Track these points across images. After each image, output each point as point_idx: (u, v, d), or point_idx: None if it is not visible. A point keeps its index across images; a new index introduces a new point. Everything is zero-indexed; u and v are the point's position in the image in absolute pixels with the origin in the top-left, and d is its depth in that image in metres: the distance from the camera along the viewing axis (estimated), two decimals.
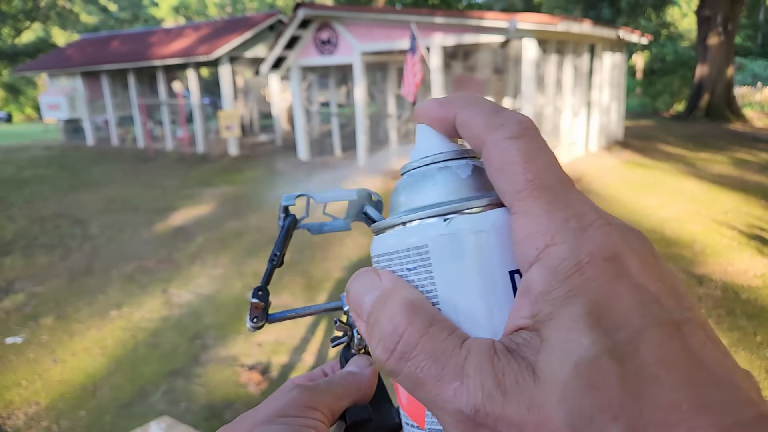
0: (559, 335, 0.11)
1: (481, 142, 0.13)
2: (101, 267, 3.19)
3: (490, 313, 0.13)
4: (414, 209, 0.14)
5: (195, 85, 7.73)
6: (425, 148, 0.15)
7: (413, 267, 0.14)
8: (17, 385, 1.95)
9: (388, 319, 0.13)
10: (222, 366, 2.04)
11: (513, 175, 0.12)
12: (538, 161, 0.12)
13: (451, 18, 4.75)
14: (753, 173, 5.06)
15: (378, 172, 5.46)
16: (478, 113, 0.14)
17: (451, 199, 0.14)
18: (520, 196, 0.12)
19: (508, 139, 0.13)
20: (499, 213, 0.13)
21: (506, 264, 0.13)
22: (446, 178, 0.15)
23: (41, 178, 6.37)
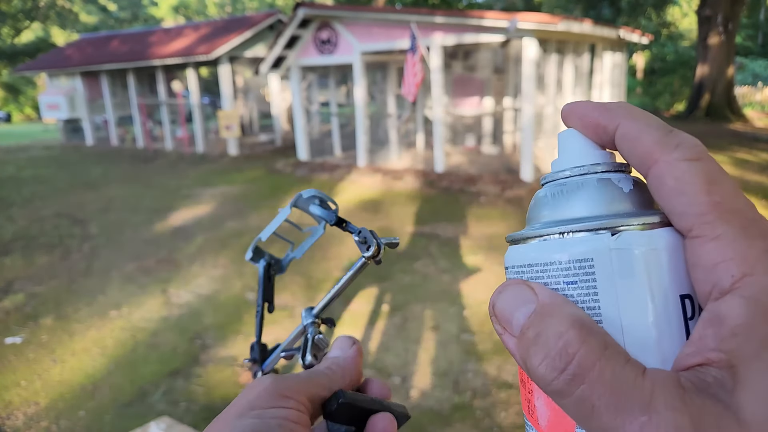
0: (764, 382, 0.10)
1: (652, 160, 0.12)
2: (101, 267, 3.19)
3: (660, 339, 0.12)
4: (573, 220, 0.13)
5: (194, 84, 7.72)
6: (576, 156, 0.14)
7: (573, 281, 0.13)
8: (17, 385, 1.95)
9: (555, 335, 0.12)
10: (221, 366, 2.03)
11: (695, 197, 0.12)
12: (722, 186, 0.12)
13: (451, 18, 4.73)
14: (753, 173, 5.06)
15: (378, 172, 5.46)
16: (648, 129, 0.13)
17: (615, 213, 0.13)
18: (705, 219, 0.11)
19: (686, 161, 0.12)
20: (671, 233, 0.13)
21: (678, 287, 0.12)
22: (608, 191, 0.13)
23: (41, 178, 6.37)
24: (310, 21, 5.65)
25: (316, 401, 0.17)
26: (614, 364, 0.11)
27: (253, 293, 2.72)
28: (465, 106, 6.48)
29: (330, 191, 5.03)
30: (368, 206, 4.43)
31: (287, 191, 5.14)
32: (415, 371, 1.93)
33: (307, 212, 0.23)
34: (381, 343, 2.14)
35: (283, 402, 0.16)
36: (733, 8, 9.37)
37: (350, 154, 6.49)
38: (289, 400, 0.16)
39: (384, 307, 2.47)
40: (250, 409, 0.16)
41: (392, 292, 2.63)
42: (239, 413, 0.16)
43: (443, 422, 1.64)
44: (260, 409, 0.15)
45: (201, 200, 4.91)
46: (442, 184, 4.91)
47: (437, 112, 5.14)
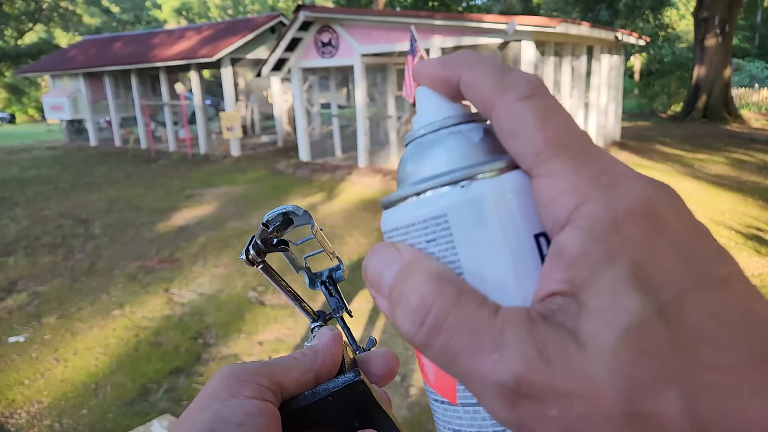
0: (601, 300, 0.10)
1: (491, 105, 0.13)
2: (104, 266, 3.20)
3: (519, 280, 0.12)
4: (426, 178, 0.14)
5: (197, 86, 7.75)
6: (430, 113, 0.14)
7: (432, 239, 0.13)
8: (20, 384, 1.96)
9: (414, 290, 0.12)
10: (223, 364, 2.05)
11: (529, 136, 0.12)
12: (554, 120, 0.12)
13: (450, 20, 4.75)
14: (750, 174, 5.05)
15: (378, 172, 5.48)
16: (484, 74, 0.13)
17: (465, 165, 0.13)
18: (540, 156, 0.12)
19: (519, 100, 0.12)
20: (518, 175, 0.13)
21: (530, 227, 0.13)
22: (457, 143, 0.14)
23: (44, 179, 6.38)
24: (311, 23, 5.68)
25: (288, 384, 0.17)
26: (468, 309, 0.11)
27: (255, 293, 2.73)
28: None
29: (331, 191, 5.05)
30: (368, 206, 4.45)
31: (288, 191, 5.16)
32: (415, 369, 1.93)
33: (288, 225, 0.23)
34: (380, 342, 2.15)
35: (242, 388, 0.15)
36: (730, 10, 9.37)
37: (351, 155, 6.51)
38: (247, 384, 0.15)
39: None
40: (209, 402, 0.15)
41: None
42: (198, 408, 0.15)
43: None
44: (218, 401, 0.15)
45: (203, 200, 4.93)
46: None
47: None
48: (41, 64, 10.48)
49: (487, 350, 0.11)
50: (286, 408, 0.17)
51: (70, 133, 10.26)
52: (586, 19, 13.31)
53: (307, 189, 5.23)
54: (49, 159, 8.10)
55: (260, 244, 0.21)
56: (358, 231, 3.73)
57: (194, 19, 23.02)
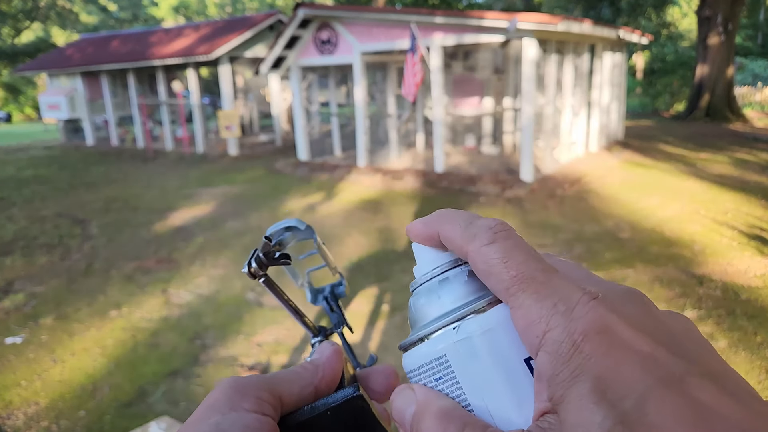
0: (573, 416, 0.12)
1: (464, 253, 0.15)
2: (101, 267, 3.19)
3: (519, 404, 0.14)
4: (426, 324, 0.16)
5: (195, 85, 7.72)
6: (424, 265, 0.17)
7: (439, 377, 0.15)
8: (17, 385, 1.95)
9: (426, 430, 0.14)
10: (222, 366, 2.03)
11: (498, 276, 0.14)
12: (515, 258, 0.14)
13: (451, 18, 4.73)
14: (753, 173, 5.05)
15: (378, 172, 5.46)
16: (454, 229, 0.15)
17: (455, 307, 0.15)
18: (510, 292, 0.14)
19: (485, 246, 0.14)
20: (501, 308, 0.15)
21: (520, 353, 0.14)
22: (447, 289, 0.16)
23: (41, 178, 6.36)
24: (310, 21, 5.65)
25: (288, 398, 0.17)
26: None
27: (254, 293, 2.71)
28: (465, 107, 6.48)
29: (330, 191, 5.03)
30: (368, 206, 4.43)
31: (287, 191, 5.14)
32: None
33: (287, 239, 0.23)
34: (381, 343, 2.14)
35: (243, 401, 0.16)
36: (733, 8, 9.36)
37: (350, 154, 6.49)
38: (248, 397, 0.16)
39: (384, 307, 2.47)
40: (209, 414, 0.15)
41: (392, 292, 2.63)
42: (198, 420, 0.15)
43: None
44: (219, 413, 0.15)
45: (201, 200, 4.91)
46: (442, 184, 4.90)
47: (437, 112, 5.14)
48: (38, 62, 10.43)
49: None
50: (286, 422, 0.17)
51: (67, 132, 10.23)
52: (588, 16, 13.29)
53: (306, 188, 5.21)
54: (46, 158, 8.08)
55: (262, 257, 0.20)
56: (358, 231, 3.71)
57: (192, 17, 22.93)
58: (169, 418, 1.46)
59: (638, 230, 3.39)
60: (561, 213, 3.90)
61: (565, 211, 3.93)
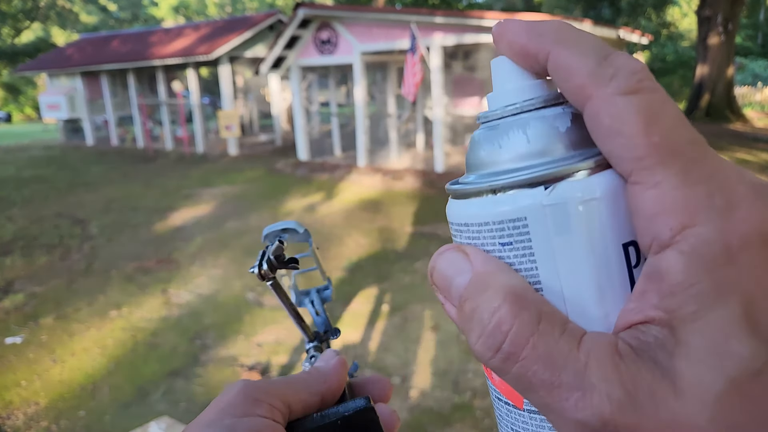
0: (707, 341, 0.09)
1: (586, 96, 0.11)
2: (101, 267, 3.19)
3: (602, 297, 0.11)
4: (504, 172, 0.12)
5: (195, 84, 7.73)
6: (509, 92, 0.13)
7: (508, 242, 0.12)
8: (17, 385, 1.95)
9: (488, 310, 0.11)
10: (222, 366, 2.04)
11: (632, 139, 0.10)
12: (662, 121, 0.10)
13: (451, 18, 4.75)
14: (753, 173, 5.05)
15: (378, 171, 5.46)
16: (580, 56, 0.11)
17: (550, 160, 0.12)
18: (643, 163, 0.10)
19: (622, 95, 0.10)
20: (610, 177, 0.11)
21: (619, 236, 0.11)
22: (542, 132, 0.12)
23: (41, 178, 6.37)
24: (310, 21, 5.65)
25: (295, 405, 0.17)
26: (548, 338, 0.11)
27: (253, 293, 2.71)
28: (465, 106, 6.49)
29: (330, 191, 5.03)
30: (368, 206, 4.43)
31: (287, 191, 5.14)
32: (415, 371, 1.93)
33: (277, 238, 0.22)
34: (381, 343, 2.14)
35: (256, 407, 0.15)
36: (733, 8, 9.38)
37: (350, 154, 6.49)
38: (261, 404, 0.15)
39: (384, 307, 2.47)
40: (221, 416, 0.15)
41: (392, 292, 2.63)
42: (210, 421, 0.15)
43: (443, 422, 1.64)
44: (231, 417, 0.15)
45: (201, 200, 4.92)
46: (442, 184, 4.90)
47: (437, 112, 5.14)
48: (38, 62, 10.44)
49: (568, 387, 0.10)
50: (294, 429, 0.17)
51: (67, 132, 10.23)
52: (588, 17, 13.28)
53: (306, 188, 5.21)
54: (45, 158, 8.08)
55: (274, 260, 0.20)
56: (358, 231, 3.71)
57: (192, 17, 22.93)
58: (169, 418, 1.46)
59: None
60: None
61: None
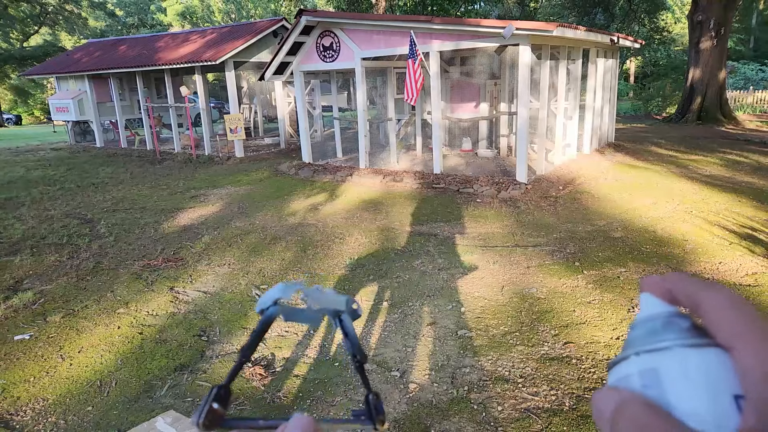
0: None
1: (699, 299, 0.18)
2: (109, 265, 3.21)
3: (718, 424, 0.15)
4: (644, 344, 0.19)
5: (201, 89, 7.83)
6: (654, 310, 0.20)
7: (646, 384, 0.17)
8: (25, 382, 1.96)
9: (631, 418, 0.16)
10: (227, 361, 2.06)
11: (729, 318, 0.16)
12: (744, 308, 0.16)
13: (448, 25, 4.78)
14: (744, 174, 5.03)
15: (378, 173, 5.52)
16: (691, 284, 0.19)
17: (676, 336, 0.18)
18: (738, 333, 0.16)
19: (718, 294, 0.17)
20: (717, 350, 0.17)
21: (730, 387, 0.16)
22: (671, 326, 0.19)
23: (50, 179, 6.40)
24: (313, 28, 5.72)
25: None
26: None
27: (258, 290, 2.76)
28: (462, 111, 6.55)
29: (332, 192, 5.08)
30: (369, 206, 4.46)
31: (291, 192, 5.19)
32: (414, 366, 1.95)
33: (336, 311, 0.25)
34: (380, 339, 2.16)
35: None
36: (725, 13, 9.33)
37: (352, 156, 6.55)
38: None
39: (383, 303, 2.50)
40: None
41: (392, 288, 2.66)
42: None
43: (441, 415, 1.66)
44: None
45: (207, 200, 4.94)
46: (440, 186, 4.95)
47: (435, 116, 5.20)
48: (47, 66, 10.56)
49: None
50: None
51: (76, 134, 10.32)
52: (582, 23, 13.34)
53: (309, 189, 5.25)
54: (54, 160, 8.12)
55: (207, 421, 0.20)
56: (359, 230, 3.75)
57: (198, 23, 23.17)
58: (176, 412, 1.48)
59: (630, 230, 3.40)
60: (555, 213, 3.92)
61: (558, 211, 3.96)
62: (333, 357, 2.06)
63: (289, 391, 1.86)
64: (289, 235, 3.68)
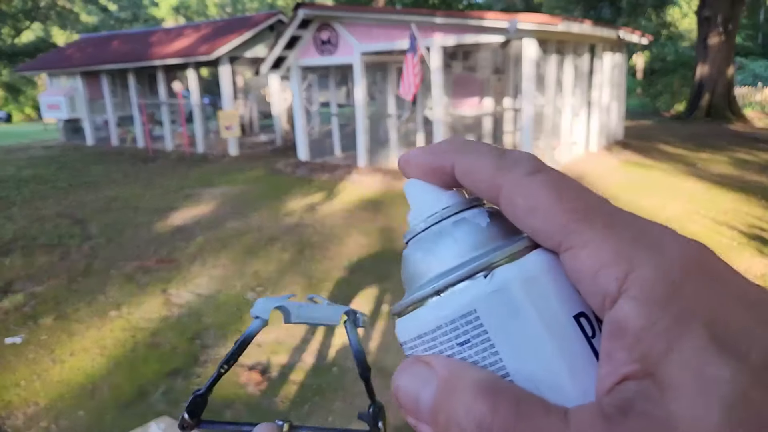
0: (687, 374, 0.09)
1: (496, 186, 0.12)
2: (101, 267, 3.18)
3: (572, 372, 0.11)
4: (442, 274, 0.12)
5: (195, 85, 7.73)
6: (426, 205, 0.14)
7: (465, 340, 0.12)
8: (16, 386, 1.94)
9: (464, 412, 0.11)
10: None
11: (549, 210, 0.11)
12: (569, 190, 0.11)
13: (451, 18, 4.75)
14: (753, 173, 5.05)
15: (378, 172, 5.47)
16: (482, 157, 0.12)
17: (481, 253, 0.12)
18: (569, 228, 0.11)
19: (528, 176, 0.12)
20: (540, 254, 0.12)
21: (568, 309, 0.11)
22: (466, 232, 0.13)
23: (41, 178, 6.36)
24: (311, 21, 5.65)
25: None
26: (534, 422, 0.10)
27: (254, 293, 2.71)
28: (465, 107, 6.49)
29: (330, 191, 5.03)
30: (368, 206, 4.43)
31: (287, 191, 5.14)
32: None
33: None
34: (381, 343, 2.13)
35: None
36: (733, 9, 9.38)
37: (350, 154, 6.48)
38: None
39: (384, 307, 2.47)
40: None
41: (392, 291, 2.62)
42: None
43: None
44: None
45: (201, 200, 4.91)
46: None
47: (437, 112, 5.15)
48: (38, 62, 10.45)
49: None
50: None
51: (67, 132, 10.22)
52: (588, 17, 13.30)
53: (307, 188, 5.21)
54: (46, 158, 8.07)
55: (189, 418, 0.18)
56: (358, 231, 3.71)
57: (192, 18, 22.94)
58: (169, 417, 1.45)
59: None
60: None
61: None
62: (331, 362, 2.02)
63: (285, 396, 1.83)
64: (286, 236, 3.64)
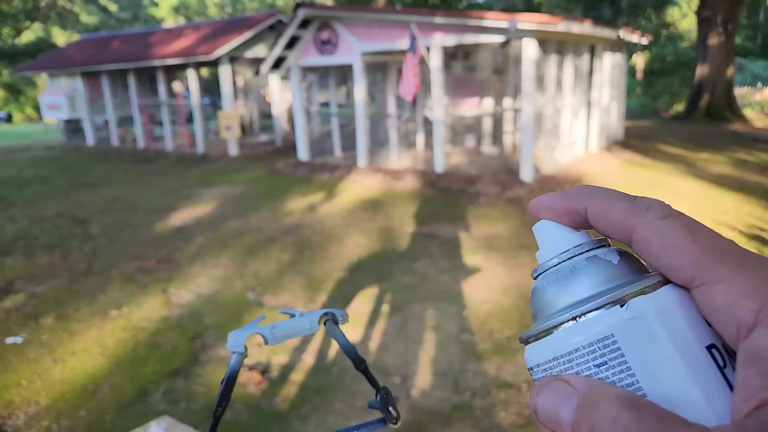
0: None
1: (630, 227, 0.13)
2: (101, 267, 3.18)
3: (707, 395, 0.12)
4: (577, 303, 0.13)
5: (195, 85, 7.73)
6: (558, 243, 0.15)
7: (603, 362, 0.13)
8: (17, 385, 1.95)
9: (609, 421, 0.11)
10: (222, 366, 2.03)
11: (684, 248, 0.12)
12: (702, 231, 0.12)
13: (451, 18, 4.73)
14: (753, 173, 5.04)
15: (378, 172, 5.47)
16: (615, 201, 0.14)
17: (616, 285, 0.13)
18: (702, 265, 0.12)
19: (662, 219, 0.13)
20: (672, 289, 0.13)
21: (700, 340, 0.12)
22: (599, 267, 0.14)
23: (42, 178, 6.36)
24: (311, 21, 5.65)
25: None
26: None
27: (254, 293, 2.71)
28: (465, 107, 6.49)
29: (330, 191, 5.04)
30: (368, 206, 4.42)
31: (287, 191, 5.14)
32: (416, 371, 1.93)
33: None
34: (381, 343, 2.14)
35: None
36: (733, 9, 9.36)
37: (350, 154, 6.49)
38: None
39: (384, 307, 2.47)
40: None
41: (392, 292, 2.63)
42: None
43: (443, 422, 1.64)
44: None
45: (202, 200, 4.91)
46: (442, 185, 4.91)
47: (437, 112, 5.14)
48: (39, 62, 10.44)
49: None
50: None
51: (68, 132, 10.23)
52: (589, 17, 13.30)
53: (307, 188, 5.21)
54: (46, 159, 8.07)
55: None
56: (358, 231, 3.71)
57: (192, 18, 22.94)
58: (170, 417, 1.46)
59: None
60: None
61: None
62: (331, 362, 2.02)
63: (286, 396, 1.83)
64: (286, 236, 3.64)
